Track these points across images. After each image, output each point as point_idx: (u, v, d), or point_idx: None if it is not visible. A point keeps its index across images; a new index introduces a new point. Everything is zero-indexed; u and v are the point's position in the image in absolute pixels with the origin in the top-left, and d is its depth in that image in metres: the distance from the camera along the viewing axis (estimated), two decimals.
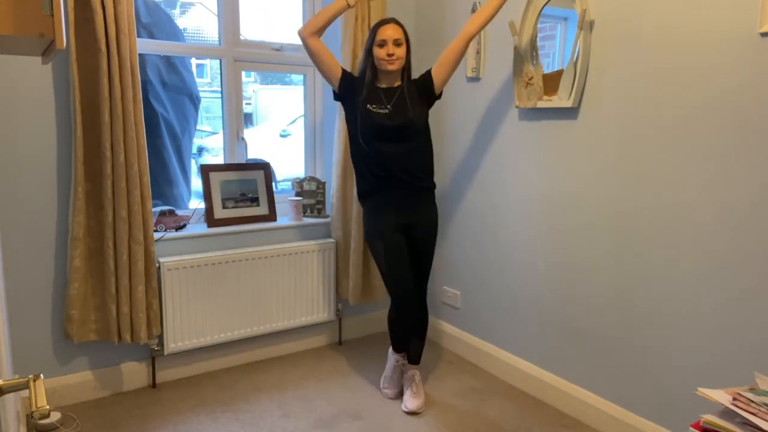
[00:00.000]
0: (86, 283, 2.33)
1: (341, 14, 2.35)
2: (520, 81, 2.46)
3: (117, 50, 2.19)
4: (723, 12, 1.79)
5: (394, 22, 2.31)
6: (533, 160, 2.51)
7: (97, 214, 2.32)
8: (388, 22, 2.30)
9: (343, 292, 3.03)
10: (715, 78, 1.83)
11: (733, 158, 1.80)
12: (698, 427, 1.28)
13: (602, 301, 2.26)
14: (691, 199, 1.93)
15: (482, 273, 2.84)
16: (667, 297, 2.02)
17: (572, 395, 2.40)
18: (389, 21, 2.31)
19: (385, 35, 2.26)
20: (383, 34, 2.27)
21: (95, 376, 2.47)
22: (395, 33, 2.27)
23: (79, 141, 2.21)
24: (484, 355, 2.85)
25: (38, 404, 0.84)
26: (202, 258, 2.58)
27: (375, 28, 2.30)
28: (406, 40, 2.32)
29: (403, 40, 2.29)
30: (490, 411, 2.45)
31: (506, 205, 2.66)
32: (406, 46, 2.32)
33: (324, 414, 2.40)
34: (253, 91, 6.18)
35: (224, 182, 2.77)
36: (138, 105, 2.30)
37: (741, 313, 1.81)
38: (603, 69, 2.18)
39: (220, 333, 2.68)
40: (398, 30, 2.29)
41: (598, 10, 2.18)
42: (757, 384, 1.34)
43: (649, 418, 2.12)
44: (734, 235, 1.82)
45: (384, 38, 2.26)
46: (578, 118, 2.29)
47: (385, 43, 2.26)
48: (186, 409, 2.41)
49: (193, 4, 4.91)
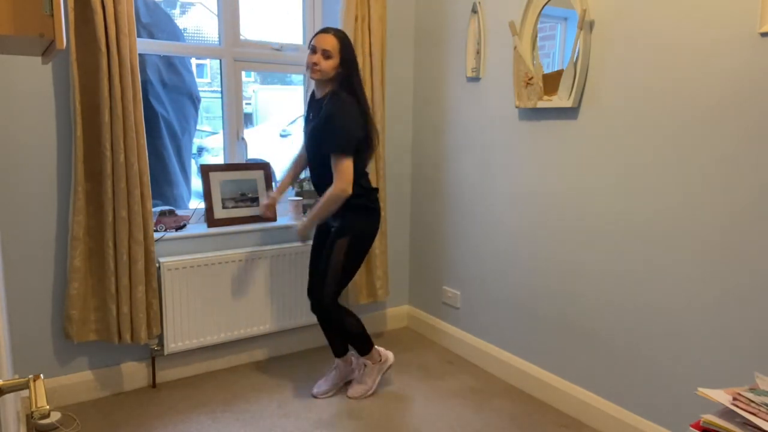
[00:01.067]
0: (86, 283, 2.33)
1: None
2: (520, 81, 2.46)
3: (117, 50, 2.20)
4: (723, 12, 1.79)
5: (334, 33, 2.26)
6: (533, 160, 2.51)
7: (97, 214, 2.32)
8: (328, 31, 2.27)
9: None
10: (715, 78, 1.83)
11: (733, 158, 1.80)
12: (698, 427, 1.28)
13: (602, 300, 2.26)
14: (691, 198, 1.93)
15: (482, 273, 2.84)
16: (667, 297, 2.02)
17: (572, 395, 2.40)
18: (330, 30, 2.27)
19: (317, 42, 2.25)
20: (316, 40, 2.26)
21: (95, 376, 2.47)
22: (327, 44, 2.23)
23: (79, 141, 2.21)
24: (484, 355, 2.85)
25: (38, 404, 0.84)
26: (202, 258, 2.58)
27: (316, 33, 2.29)
28: (341, 58, 2.25)
29: (333, 54, 2.23)
30: (490, 411, 2.45)
31: (506, 205, 2.66)
32: (337, 62, 2.25)
33: (324, 414, 2.40)
34: (253, 91, 6.18)
35: (224, 182, 2.77)
36: (138, 105, 2.30)
37: (741, 313, 1.81)
38: (603, 69, 2.18)
39: (220, 333, 2.68)
40: (332, 42, 2.24)
41: (598, 10, 2.18)
42: (757, 384, 1.34)
43: (649, 418, 2.12)
44: (735, 234, 1.82)
45: (314, 44, 2.26)
46: (578, 118, 2.29)
47: (315, 50, 2.25)
48: (186, 409, 2.41)
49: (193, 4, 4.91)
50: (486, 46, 2.71)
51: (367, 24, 2.81)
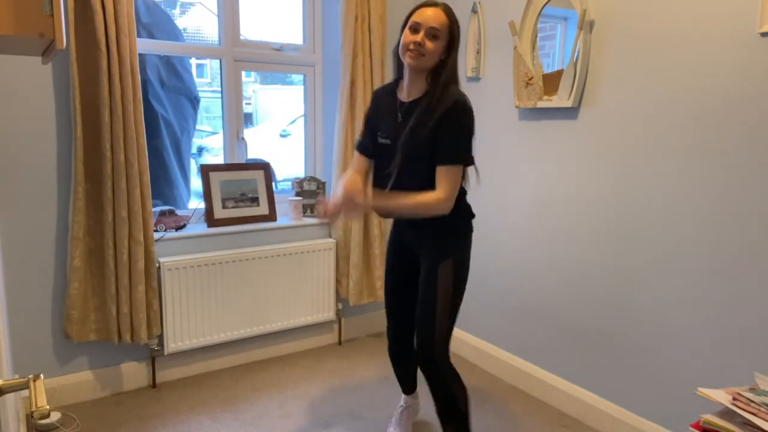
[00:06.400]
0: (86, 283, 2.33)
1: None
2: (520, 81, 2.46)
3: (117, 50, 2.20)
4: (723, 12, 1.79)
5: (444, 9, 1.74)
6: (533, 160, 2.51)
7: (97, 214, 2.32)
8: (437, 5, 1.73)
9: (343, 292, 3.03)
10: (715, 78, 1.83)
11: (734, 158, 1.80)
12: (698, 427, 1.28)
13: (602, 300, 2.26)
14: (691, 198, 1.93)
15: (482, 273, 2.84)
16: (667, 296, 2.02)
17: (572, 395, 2.40)
18: (438, 4, 1.74)
19: (422, 18, 1.70)
20: (421, 15, 1.71)
21: (95, 376, 2.47)
22: (436, 20, 1.70)
23: (79, 141, 2.21)
24: (484, 355, 2.85)
25: (38, 404, 0.84)
26: (202, 258, 2.58)
27: (415, 8, 1.76)
28: (449, 39, 1.74)
29: (442, 35, 1.71)
30: (490, 411, 2.45)
31: (506, 204, 2.66)
32: (444, 44, 1.73)
33: (324, 414, 2.40)
34: (253, 91, 6.18)
35: (224, 182, 2.77)
36: (138, 105, 2.30)
37: (741, 313, 1.81)
38: (603, 69, 2.18)
39: (220, 333, 2.68)
40: (442, 19, 1.71)
41: (598, 10, 2.18)
42: (757, 384, 1.34)
43: (649, 418, 2.12)
44: (735, 234, 1.82)
45: (419, 21, 1.71)
46: (578, 118, 2.29)
47: (419, 28, 1.71)
48: (186, 409, 2.41)
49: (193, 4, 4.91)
50: (486, 46, 2.71)
51: (367, 24, 2.81)
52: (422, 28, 1.70)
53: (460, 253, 1.87)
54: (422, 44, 1.69)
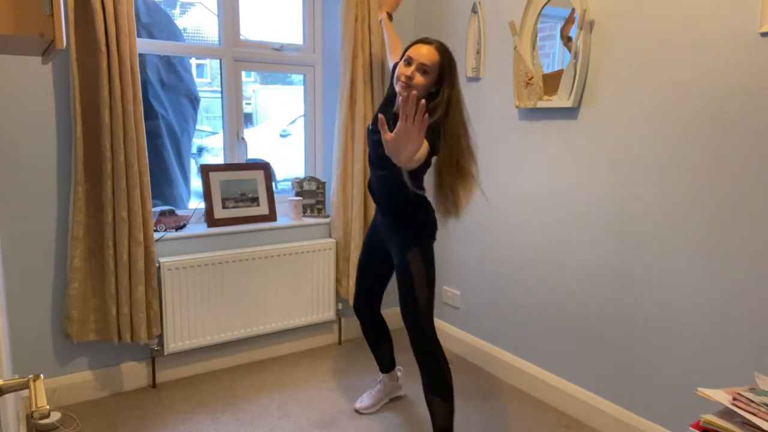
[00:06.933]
0: (86, 283, 2.33)
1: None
2: (520, 81, 2.46)
3: (117, 50, 2.19)
4: (723, 12, 1.79)
5: (437, 46, 1.89)
6: (533, 159, 2.51)
7: (97, 214, 2.32)
8: (431, 42, 1.90)
9: (343, 292, 3.03)
10: (715, 78, 1.83)
11: (734, 158, 1.80)
12: (698, 427, 1.28)
13: (602, 300, 2.26)
14: (691, 198, 1.93)
15: (482, 273, 2.84)
16: (667, 296, 2.02)
17: (572, 395, 2.40)
18: (432, 42, 1.90)
19: (416, 54, 1.87)
20: (415, 51, 1.88)
21: (95, 376, 2.47)
22: (428, 56, 1.86)
23: (79, 141, 2.21)
24: (484, 355, 2.85)
25: (38, 404, 0.84)
26: (202, 258, 2.58)
27: (413, 42, 1.94)
28: (439, 76, 1.88)
29: (431, 71, 1.86)
30: (490, 411, 2.45)
31: (506, 204, 2.66)
32: (433, 80, 1.89)
33: (324, 414, 2.40)
34: (253, 91, 6.18)
35: (224, 182, 2.77)
36: (138, 105, 2.30)
37: (741, 312, 1.81)
38: (603, 69, 2.18)
39: (220, 333, 2.68)
40: (434, 55, 1.87)
41: (598, 10, 2.18)
42: (757, 384, 1.34)
43: (649, 418, 2.12)
44: (735, 234, 1.82)
45: (412, 56, 1.88)
46: (578, 118, 2.29)
47: (412, 61, 1.87)
48: (186, 409, 2.41)
49: (193, 4, 4.91)
50: (486, 46, 2.71)
51: (367, 24, 2.81)
52: (414, 62, 1.87)
53: (424, 245, 2.05)
54: (411, 77, 1.87)
